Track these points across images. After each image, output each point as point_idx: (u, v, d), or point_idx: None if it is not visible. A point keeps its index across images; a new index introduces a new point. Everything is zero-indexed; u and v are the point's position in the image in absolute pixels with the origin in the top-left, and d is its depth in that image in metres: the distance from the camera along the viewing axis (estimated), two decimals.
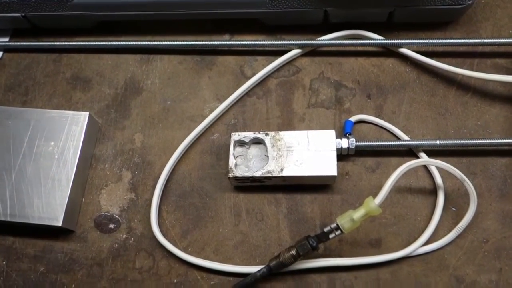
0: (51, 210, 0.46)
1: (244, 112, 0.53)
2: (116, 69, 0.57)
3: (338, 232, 0.41)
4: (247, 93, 0.54)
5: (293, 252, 0.42)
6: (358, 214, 0.41)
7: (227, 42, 0.55)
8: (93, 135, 0.52)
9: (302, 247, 0.42)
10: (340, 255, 0.45)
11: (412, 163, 0.42)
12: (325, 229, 0.42)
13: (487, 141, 0.47)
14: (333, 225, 0.42)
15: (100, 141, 0.53)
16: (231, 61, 0.56)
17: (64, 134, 0.50)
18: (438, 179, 0.47)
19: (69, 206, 0.47)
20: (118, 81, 0.56)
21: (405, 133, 0.49)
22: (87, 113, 0.50)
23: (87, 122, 0.50)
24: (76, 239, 0.49)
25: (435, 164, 0.44)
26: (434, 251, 0.45)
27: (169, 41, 0.56)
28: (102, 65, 0.57)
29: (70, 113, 0.51)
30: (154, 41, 0.56)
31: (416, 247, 0.44)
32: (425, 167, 0.48)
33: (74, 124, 0.50)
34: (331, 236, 0.42)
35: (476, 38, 0.51)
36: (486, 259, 0.44)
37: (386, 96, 0.52)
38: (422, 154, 0.48)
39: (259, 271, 0.44)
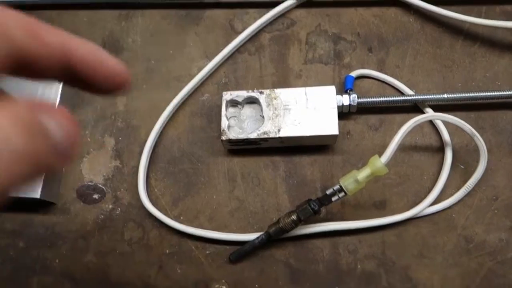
0: None
1: (235, 70, 0.49)
2: (93, 27, 0.52)
3: (341, 195, 0.38)
4: (238, 50, 0.49)
5: (294, 217, 0.39)
6: (363, 174, 0.38)
7: None
8: (70, 99, 0.48)
9: (303, 212, 0.39)
10: (342, 219, 0.43)
11: (419, 118, 0.39)
12: (328, 192, 0.39)
13: (497, 93, 0.44)
14: (336, 187, 0.39)
15: (79, 106, 0.49)
16: (220, 15, 0.51)
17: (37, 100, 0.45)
18: (446, 135, 0.44)
19: (47, 177, 0.43)
20: (96, 40, 0.51)
21: (409, 87, 0.46)
22: None
23: (62, 85, 0.46)
24: (57, 212, 0.45)
25: (443, 119, 0.40)
26: (441, 211, 0.43)
27: None
28: (77, 22, 0.52)
29: None
30: None
31: (423, 208, 0.42)
32: (431, 123, 0.45)
33: (48, 88, 0.46)
34: (334, 199, 0.39)
35: None
36: (496, 218, 0.42)
37: (388, 48, 0.48)
38: (428, 110, 0.45)
39: (257, 238, 0.41)
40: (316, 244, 0.42)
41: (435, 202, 0.42)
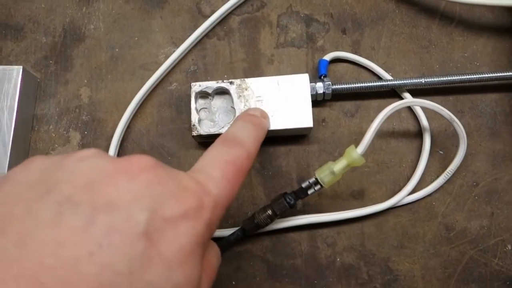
0: None
1: (204, 57, 0.46)
2: (52, 13, 0.48)
3: (317, 187, 0.37)
4: (207, 35, 0.47)
5: (269, 212, 0.38)
6: (339, 166, 0.36)
7: None
8: (31, 93, 0.45)
9: (279, 206, 0.38)
10: (320, 211, 0.41)
11: (396, 104, 0.37)
12: (303, 185, 0.37)
13: (476, 76, 0.42)
14: (312, 180, 0.37)
15: (41, 99, 0.46)
16: None
17: None
18: (424, 121, 0.42)
19: None
20: (56, 28, 0.48)
21: (385, 70, 0.44)
22: (20, 67, 0.43)
23: (22, 78, 0.43)
24: None
25: (421, 104, 0.39)
26: (421, 199, 0.41)
27: None
28: (35, 9, 0.49)
29: (0, 68, 0.43)
30: None
31: (402, 197, 0.41)
32: (410, 108, 0.43)
33: (6, 81, 0.43)
34: (310, 192, 0.37)
35: None
36: (477, 204, 0.41)
37: (363, 30, 0.46)
38: (406, 94, 0.43)
39: (232, 234, 0.39)
40: (294, 237, 0.41)
41: (414, 190, 0.41)
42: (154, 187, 0.22)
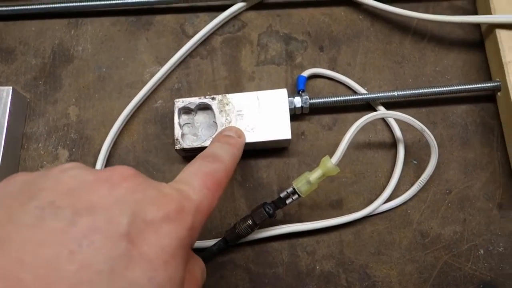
0: None
1: (188, 75, 0.48)
2: (42, 36, 0.50)
3: (295, 197, 0.39)
4: (190, 54, 0.49)
5: (250, 221, 0.39)
6: (314, 175, 0.38)
7: None
8: (21, 112, 0.47)
9: (258, 216, 0.39)
10: (300, 220, 0.43)
11: (367, 117, 0.39)
12: (282, 195, 0.39)
13: (447, 88, 0.44)
14: (290, 190, 0.39)
15: (30, 118, 0.47)
16: (170, 20, 0.50)
17: None
18: (398, 132, 0.44)
19: None
20: (45, 50, 0.50)
21: (361, 85, 0.46)
22: (10, 87, 0.45)
23: (12, 98, 0.45)
24: None
25: (392, 116, 0.41)
26: (397, 207, 0.43)
27: (99, 1, 0.50)
28: (25, 32, 0.51)
29: None
30: (82, 2, 0.50)
31: (378, 205, 0.42)
32: (384, 120, 0.45)
33: None
34: (288, 201, 0.39)
35: None
36: (450, 211, 0.43)
37: (339, 47, 0.48)
38: (380, 107, 0.45)
39: (214, 245, 0.41)
40: (275, 247, 0.43)
41: (390, 198, 0.43)
42: (135, 193, 0.23)
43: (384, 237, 0.42)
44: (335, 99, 0.44)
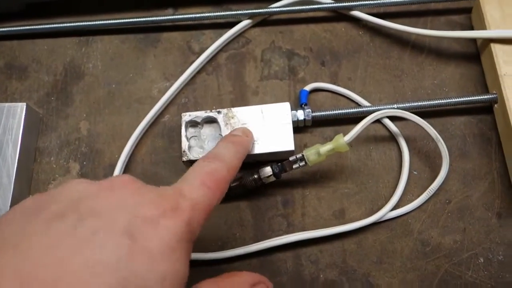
0: None
1: (194, 90, 0.50)
2: (53, 54, 0.53)
3: (302, 163, 0.41)
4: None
5: (255, 175, 0.42)
6: (325, 148, 0.41)
7: (171, 17, 0.52)
8: (34, 127, 0.49)
9: (264, 171, 0.42)
10: (303, 230, 0.44)
11: (386, 111, 0.42)
12: (290, 158, 0.41)
13: (445, 101, 0.45)
14: (299, 155, 0.41)
15: (43, 133, 0.49)
16: (177, 37, 0.52)
17: (0, 129, 0.46)
18: (403, 143, 0.46)
19: (13, 205, 0.43)
20: (57, 67, 0.52)
21: (362, 98, 0.48)
22: (24, 103, 0.47)
23: (25, 114, 0.47)
24: None
25: (411, 118, 0.42)
26: (398, 217, 0.44)
27: (108, 19, 0.52)
28: (38, 50, 0.53)
29: (5, 105, 0.47)
30: (92, 20, 0.52)
31: (384, 213, 0.43)
32: (388, 131, 0.47)
33: (11, 117, 0.46)
34: (294, 166, 0.41)
35: None
36: (450, 220, 0.44)
37: (340, 62, 0.50)
38: (386, 119, 0.47)
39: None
40: (280, 256, 0.44)
41: (394, 208, 0.44)
42: (134, 196, 0.26)
43: (386, 246, 0.43)
44: (336, 112, 0.46)
